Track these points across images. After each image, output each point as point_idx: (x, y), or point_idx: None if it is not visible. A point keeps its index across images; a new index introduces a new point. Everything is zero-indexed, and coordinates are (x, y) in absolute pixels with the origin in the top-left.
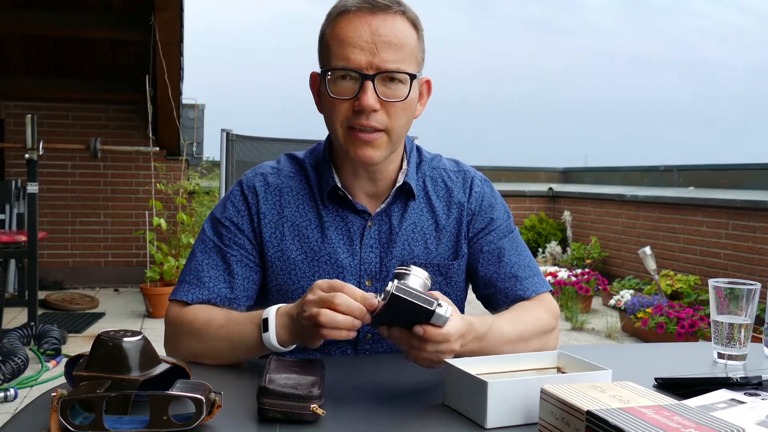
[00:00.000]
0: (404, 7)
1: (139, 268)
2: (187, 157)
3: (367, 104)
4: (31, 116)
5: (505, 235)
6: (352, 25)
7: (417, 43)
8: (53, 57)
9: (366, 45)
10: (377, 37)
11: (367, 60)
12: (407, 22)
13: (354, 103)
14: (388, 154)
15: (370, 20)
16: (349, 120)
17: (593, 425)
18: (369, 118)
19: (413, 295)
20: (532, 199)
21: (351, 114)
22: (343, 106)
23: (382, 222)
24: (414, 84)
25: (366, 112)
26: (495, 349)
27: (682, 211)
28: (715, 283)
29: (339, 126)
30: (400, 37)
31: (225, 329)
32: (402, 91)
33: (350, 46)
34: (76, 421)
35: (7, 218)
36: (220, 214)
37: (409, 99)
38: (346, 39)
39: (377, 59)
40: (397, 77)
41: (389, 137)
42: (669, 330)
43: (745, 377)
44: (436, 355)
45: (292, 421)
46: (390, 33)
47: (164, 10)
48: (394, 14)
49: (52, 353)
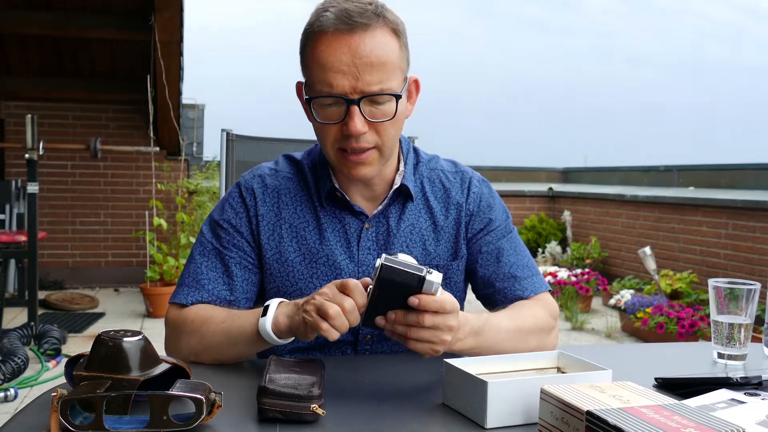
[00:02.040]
0: (382, 17)
1: (139, 268)
2: (187, 157)
3: (355, 130)
4: (31, 116)
5: (504, 235)
6: (331, 47)
7: (399, 52)
8: (53, 57)
9: (347, 69)
10: (358, 60)
11: (351, 84)
12: (388, 33)
13: (342, 127)
14: (382, 167)
15: (348, 41)
16: (339, 142)
17: (593, 425)
18: (359, 141)
19: (403, 264)
20: (532, 199)
21: (340, 136)
22: (332, 129)
23: (380, 224)
24: (402, 98)
25: (354, 136)
26: (494, 345)
27: (682, 211)
28: (715, 283)
29: (330, 149)
30: (381, 55)
31: (225, 324)
32: (389, 110)
33: (332, 71)
34: (76, 421)
35: (7, 218)
36: (218, 216)
37: (398, 115)
38: (326, 63)
39: (360, 83)
40: (383, 97)
41: (380, 153)
42: (669, 330)
43: (745, 377)
44: (435, 335)
45: (292, 421)
46: (371, 53)
47: (164, 10)
48: (374, 30)
49: (52, 353)
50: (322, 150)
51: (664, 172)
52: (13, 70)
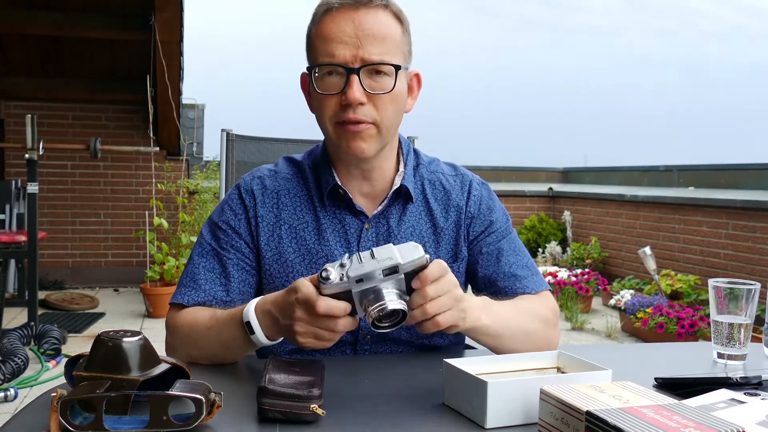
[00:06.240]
0: (387, 1)
1: (139, 268)
2: (187, 157)
3: (354, 98)
4: (31, 116)
5: (504, 236)
6: (336, 21)
7: (402, 36)
8: (53, 57)
9: (350, 39)
10: (360, 31)
11: (352, 54)
12: (390, 16)
13: (341, 97)
14: (380, 148)
15: (353, 15)
16: (337, 115)
17: (593, 425)
18: (356, 112)
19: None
20: (532, 199)
21: (339, 109)
22: (331, 101)
23: (380, 224)
24: (401, 75)
25: (353, 106)
26: (505, 321)
27: (682, 211)
28: (715, 283)
29: (328, 122)
30: (383, 30)
31: (213, 330)
32: (388, 83)
33: (334, 41)
34: (76, 421)
35: (7, 218)
36: (217, 217)
37: (396, 90)
38: (330, 35)
39: (361, 52)
40: (383, 69)
41: (378, 130)
42: (669, 330)
43: (745, 377)
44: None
45: (291, 421)
46: (373, 26)
47: (164, 10)
48: (377, 8)
49: (52, 353)
50: (321, 127)
51: (664, 172)
52: (13, 70)
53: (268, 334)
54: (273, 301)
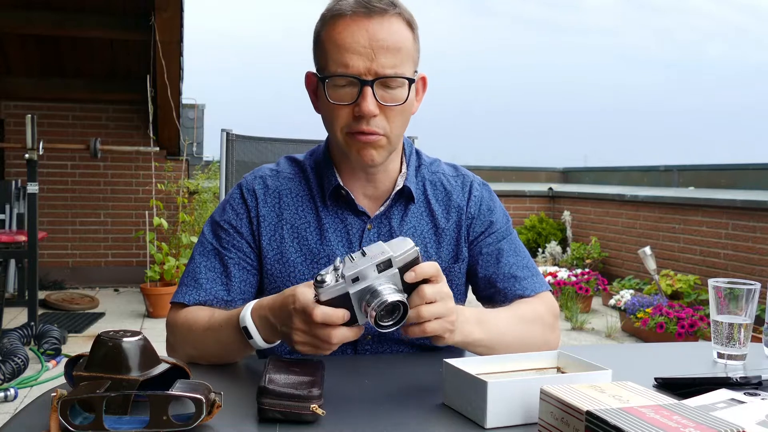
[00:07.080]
0: (399, 8)
1: (139, 268)
2: (187, 157)
3: (368, 110)
4: (31, 116)
5: (504, 237)
6: (349, 29)
7: (413, 43)
8: (53, 57)
9: (364, 50)
10: (375, 42)
11: (366, 66)
12: (403, 24)
13: (354, 108)
14: (388, 155)
15: (366, 24)
16: (349, 126)
17: (593, 425)
18: (369, 124)
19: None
20: (532, 199)
21: (351, 120)
22: (343, 111)
23: (382, 225)
24: (412, 86)
25: (366, 118)
26: (499, 335)
27: (682, 211)
28: (715, 283)
29: (339, 132)
30: (398, 40)
31: (211, 331)
32: (401, 95)
33: (348, 51)
34: (76, 421)
35: (7, 218)
36: (219, 217)
37: (408, 102)
38: (343, 44)
39: (375, 64)
40: (396, 82)
41: (389, 140)
42: (669, 330)
43: (745, 377)
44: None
45: (291, 421)
46: (387, 37)
47: (164, 10)
48: (390, 17)
49: (52, 353)
50: (330, 134)
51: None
52: (13, 70)
53: (266, 338)
54: (270, 307)
